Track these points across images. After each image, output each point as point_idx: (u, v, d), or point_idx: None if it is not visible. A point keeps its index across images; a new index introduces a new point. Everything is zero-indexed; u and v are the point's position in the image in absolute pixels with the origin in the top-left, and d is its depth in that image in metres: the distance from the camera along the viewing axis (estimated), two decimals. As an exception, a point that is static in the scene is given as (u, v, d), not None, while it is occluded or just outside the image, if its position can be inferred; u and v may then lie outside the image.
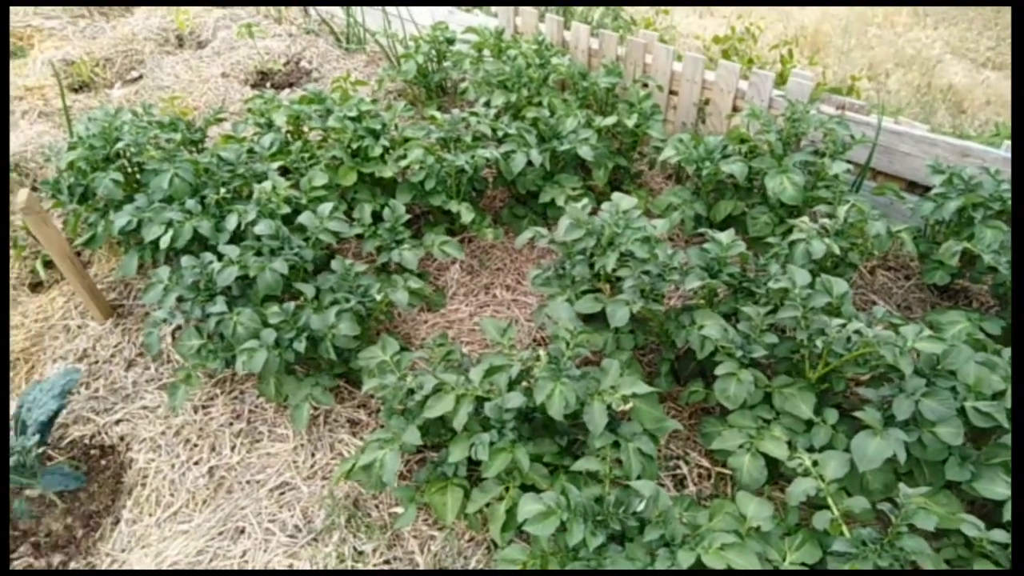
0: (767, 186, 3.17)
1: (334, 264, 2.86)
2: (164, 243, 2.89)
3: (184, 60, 5.36)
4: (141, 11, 6.02)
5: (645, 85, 3.96)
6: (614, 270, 2.70)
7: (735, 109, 3.96)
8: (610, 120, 3.60)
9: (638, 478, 2.16)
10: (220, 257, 2.81)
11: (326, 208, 2.97)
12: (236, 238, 2.98)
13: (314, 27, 5.77)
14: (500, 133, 3.54)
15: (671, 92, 4.16)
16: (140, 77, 5.21)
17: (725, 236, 2.65)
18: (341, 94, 3.83)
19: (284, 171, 3.42)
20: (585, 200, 3.15)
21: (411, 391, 2.41)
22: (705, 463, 2.66)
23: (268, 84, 5.17)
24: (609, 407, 2.24)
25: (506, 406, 2.25)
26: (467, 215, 3.33)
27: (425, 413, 2.30)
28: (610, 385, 2.29)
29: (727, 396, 2.31)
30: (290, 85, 5.17)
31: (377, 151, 3.32)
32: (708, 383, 2.67)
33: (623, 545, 2.02)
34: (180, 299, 2.83)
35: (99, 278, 3.57)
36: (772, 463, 2.31)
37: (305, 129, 3.87)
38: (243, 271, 2.76)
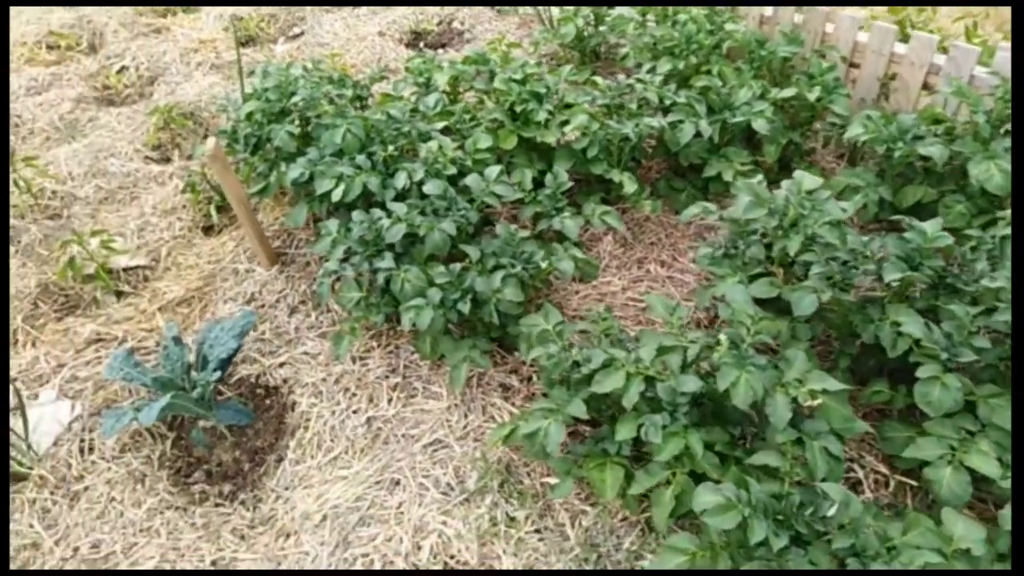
0: (971, 172, 2.85)
1: (498, 228, 2.83)
2: (335, 196, 2.96)
3: (342, 18, 5.47)
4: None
5: (822, 55, 3.66)
6: (797, 254, 2.52)
7: (926, 86, 3.60)
8: (788, 92, 3.35)
9: (823, 480, 2.01)
10: (389, 214, 2.84)
11: (493, 171, 2.94)
12: (401, 196, 3.01)
13: (467, -13, 5.74)
14: (667, 102, 3.38)
15: (852, 64, 3.83)
16: (302, 34, 5.37)
17: (930, 225, 2.41)
18: (501, 56, 3.78)
19: (446, 131, 3.41)
20: (760, 176, 2.96)
21: (576, 363, 2.36)
22: (883, 469, 2.46)
23: (422, 44, 5.20)
24: (794, 400, 2.09)
25: (681, 389, 2.16)
26: (629, 185, 3.21)
27: (593, 387, 2.24)
28: (795, 377, 2.14)
29: (929, 402, 2.11)
30: (443, 45, 5.18)
31: (541, 116, 3.25)
32: (893, 384, 2.46)
33: (804, 548, 1.89)
34: (348, 251, 2.91)
35: (264, 226, 3.72)
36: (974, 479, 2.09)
37: (461, 90, 3.86)
38: (411, 229, 2.78)
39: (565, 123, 3.33)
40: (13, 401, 2.85)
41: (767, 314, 2.50)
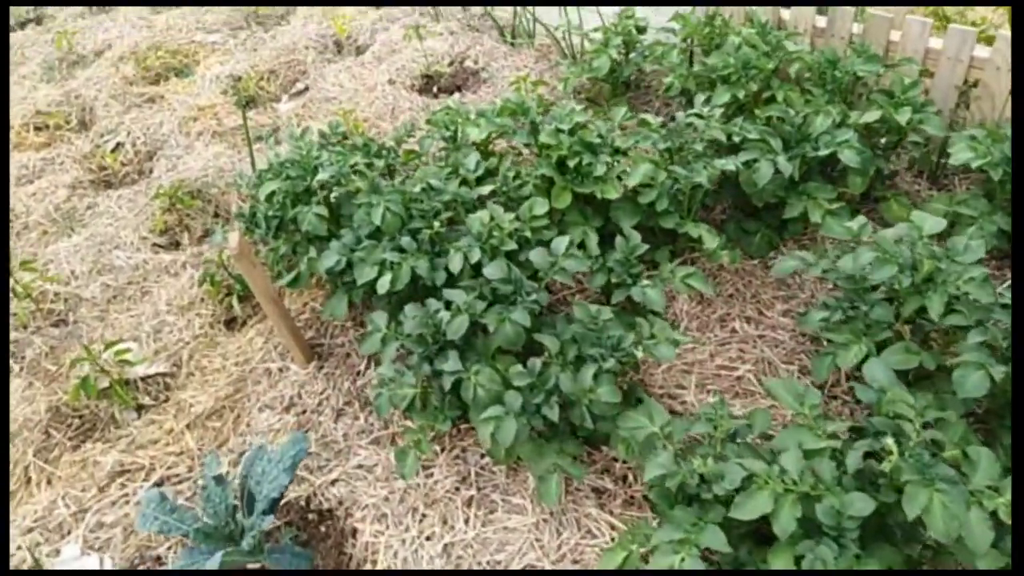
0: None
1: (576, 310, 2.44)
2: (382, 288, 2.58)
3: (346, 68, 5.12)
4: (298, 18, 5.86)
5: (887, 66, 3.29)
6: (941, 317, 2.13)
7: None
8: (872, 115, 2.98)
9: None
10: (447, 304, 2.46)
11: (561, 243, 2.55)
12: (454, 279, 2.62)
13: (475, 22, 5.40)
14: (736, 138, 3.00)
15: (922, 73, 3.46)
16: (306, 89, 5.02)
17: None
18: (538, 101, 3.41)
19: (491, 195, 3.04)
20: (862, 219, 2.59)
21: (703, 478, 1.96)
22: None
23: (435, 88, 4.85)
24: (993, 515, 1.69)
25: (849, 512, 1.75)
26: (710, 240, 2.83)
27: (733, 512, 1.84)
28: (987, 485, 1.74)
29: None
30: (458, 88, 4.82)
31: (600, 169, 2.87)
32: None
33: None
34: (400, 348, 2.52)
35: (293, 314, 3.34)
36: None
37: (492, 143, 3.49)
38: (474, 322, 2.40)
39: (623, 173, 2.96)
40: (28, 562, 2.45)
41: (925, 397, 2.11)
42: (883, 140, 3.14)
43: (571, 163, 2.96)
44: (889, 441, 1.79)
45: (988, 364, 1.95)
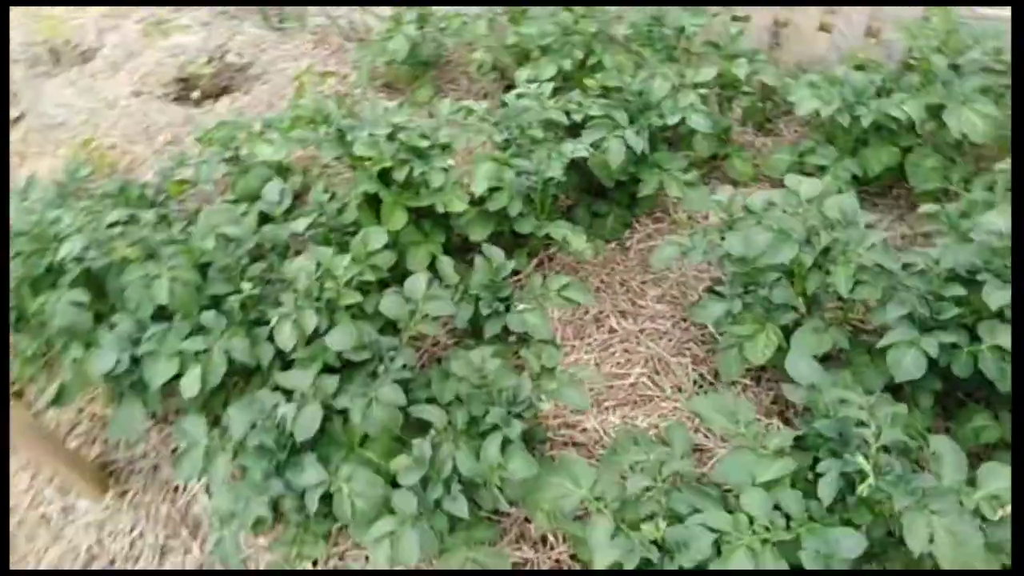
0: (948, 124, 2.45)
1: (454, 365, 1.97)
2: (190, 387, 1.92)
3: (72, 82, 4.08)
4: (-11, 25, 4.59)
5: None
6: (852, 291, 1.95)
7: (823, 27, 3.20)
8: (709, 72, 2.76)
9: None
10: (288, 393, 1.88)
11: (417, 283, 2.05)
12: (281, 352, 2.03)
13: (230, 8, 4.55)
14: (578, 116, 2.65)
15: (734, 19, 3.34)
16: (20, 117, 3.92)
17: (998, 219, 1.92)
18: (338, 101, 2.81)
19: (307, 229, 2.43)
20: (728, 188, 2.37)
21: (661, 547, 1.62)
22: None
23: (195, 94, 4.00)
24: (979, 515, 1.52)
25: (839, 554, 1.50)
26: (577, 240, 2.47)
27: (711, 588, 1.52)
28: (957, 479, 1.57)
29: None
30: (224, 90, 4.02)
31: (437, 179, 2.38)
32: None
33: None
34: (235, 461, 1.91)
35: (64, 427, 2.52)
36: None
37: (295, 159, 2.87)
38: (328, 409, 1.85)
39: (461, 176, 2.50)
40: None
41: (844, 378, 1.92)
42: (724, 95, 2.96)
43: (398, 175, 2.43)
44: (861, 460, 1.55)
45: (918, 341, 1.78)
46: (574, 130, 2.77)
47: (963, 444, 1.96)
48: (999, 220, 1.88)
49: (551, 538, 2.13)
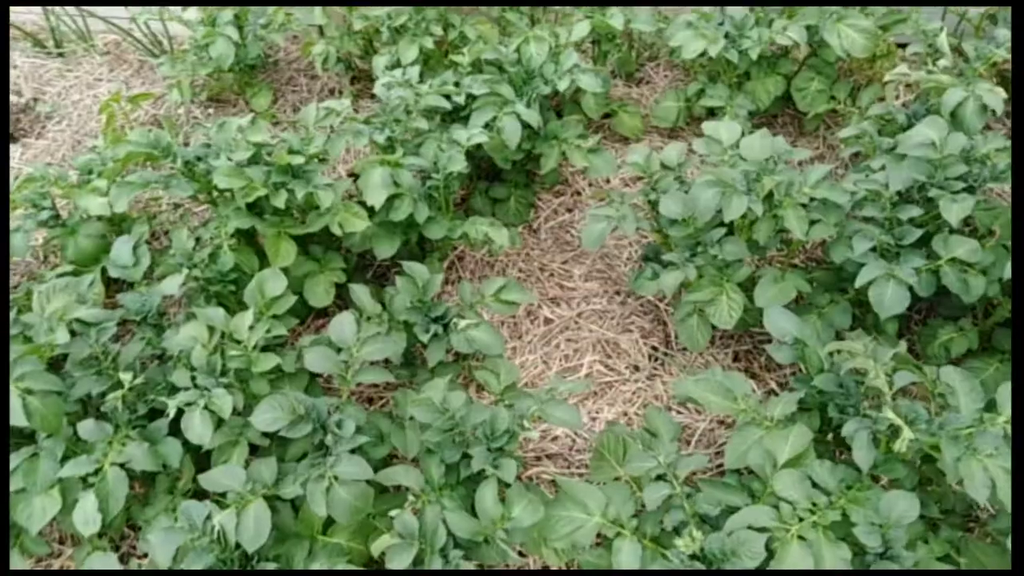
0: (830, 43, 2.43)
1: (413, 410, 1.66)
2: (89, 526, 1.50)
3: None
4: None
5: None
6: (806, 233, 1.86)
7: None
8: (583, 28, 2.58)
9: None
10: (221, 497, 1.50)
11: (345, 326, 1.71)
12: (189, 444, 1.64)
13: (-10, 37, 3.75)
14: (459, 97, 2.38)
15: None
16: None
17: (931, 129, 1.88)
18: (169, 127, 2.34)
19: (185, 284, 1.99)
20: (643, 149, 2.23)
21: (698, 557, 1.45)
22: None
23: (-27, 148, 3.26)
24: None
25: (894, 520, 1.39)
26: (500, 235, 2.21)
27: (776, 592, 1.37)
28: (977, 409, 1.52)
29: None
30: (10, 139, 3.31)
31: (326, 198, 2.02)
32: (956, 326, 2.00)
33: None
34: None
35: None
36: None
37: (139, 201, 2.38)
38: (273, 502, 1.50)
39: (348, 189, 2.16)
40: None
41: (815, 323, 1.84)
42: (601, 50, 2.79)
43: (275, 201, 2.04)
44: (890, 414, 1.45)
45: (893, 272, 1.71)
46: (457, 113, 2.49)
47: (935, 362, 1.96)
48: (929, 131, 1.85)
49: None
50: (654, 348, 2.35)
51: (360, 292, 1.96)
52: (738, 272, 2.00)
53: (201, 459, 1.73)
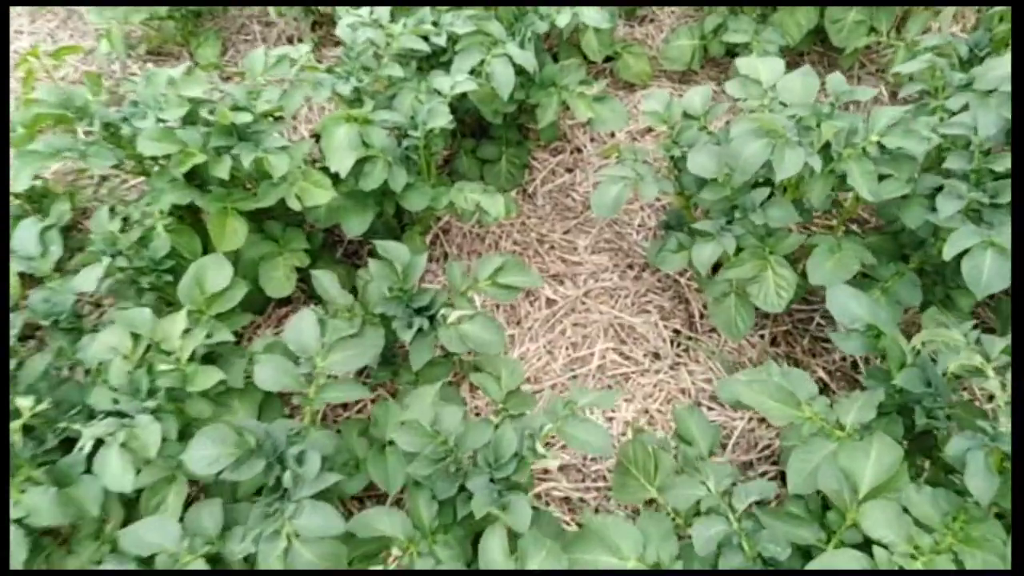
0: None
1: (394, 435, 1.31)
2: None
3: None
4: None
5: None
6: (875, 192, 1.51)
7: None
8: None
9: None
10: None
11: (305, 330, 1.34)
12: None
13: None
14: (438, 38, 1.98)
15: None
16: None
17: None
18: (92, 85, 1.93)
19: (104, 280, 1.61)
20: (663, 95, 1.86)
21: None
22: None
23: None
24: None
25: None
26: (493, 204, 1.84)
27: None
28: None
29: None
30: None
31: (280, 164, 1.63)
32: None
33: None
34: None
35: None
36: None
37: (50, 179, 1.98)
38: (215, 562, 1.16)
39: (306, 153, 1.77)
40: None
41: (883, 306, 1.51)
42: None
43: (218, 170, 1.65)
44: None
45: (992, 238, 1.37)
46: (436, 58, 2.10)
47: None
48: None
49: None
50: (676, 331, 2.01)
51: (325, 280, 1.59)
52: (784, 241, 1.65)
53: (127, 504, 1.38)
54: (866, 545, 1.13)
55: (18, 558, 1.21)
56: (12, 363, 1.39)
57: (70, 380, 1.51)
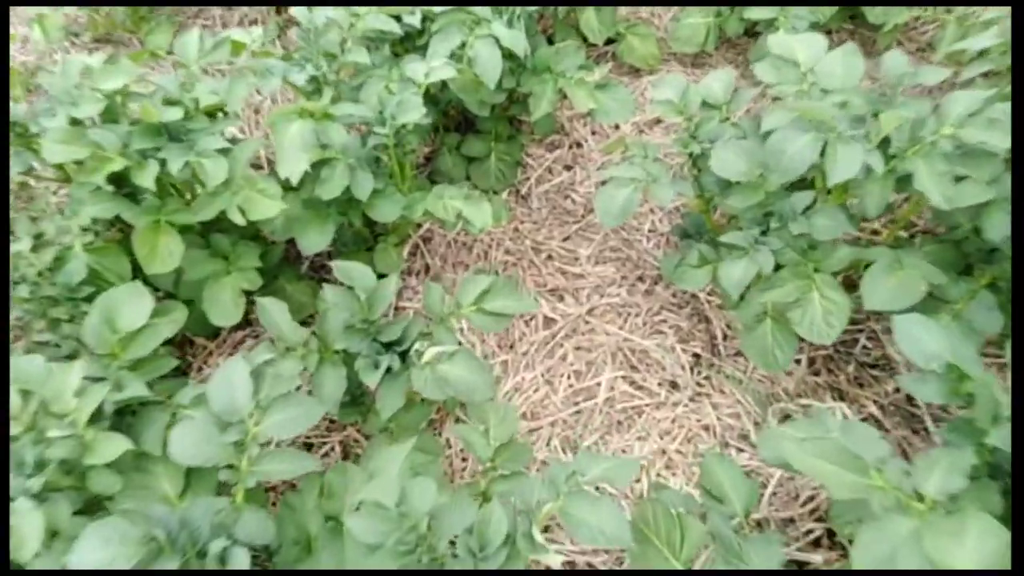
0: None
1: (350, 522, 1.03)
2: None
3: None
4: None
5: None
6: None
7: None
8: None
9: None
10: None
11: (236, 385, 1.06)
12: None
13: None
14: (413, 17, 1.69)
15: None
16: None
17: None
18: (12, 76, 1.63)
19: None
20: (678, 80, 1.57)
21: None
22: None
23: None
24: None
25: None
26: (481, 214, 1.55)
27: None
28: None
29: None
30: None
31: (217, 170, 1.34)
32: None
33: None
34: None
35: None
36: None
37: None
38: None
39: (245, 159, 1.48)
40: None
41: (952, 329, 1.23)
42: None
43: (142, 178, 1.36)
44: None
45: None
46: (409, 42, 1.81)
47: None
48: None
49: None
50: (696, 356, 1.72)
51: (274, 311, 1.30)
52: (833, 256, 1.36)
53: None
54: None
55: None
56: None
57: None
